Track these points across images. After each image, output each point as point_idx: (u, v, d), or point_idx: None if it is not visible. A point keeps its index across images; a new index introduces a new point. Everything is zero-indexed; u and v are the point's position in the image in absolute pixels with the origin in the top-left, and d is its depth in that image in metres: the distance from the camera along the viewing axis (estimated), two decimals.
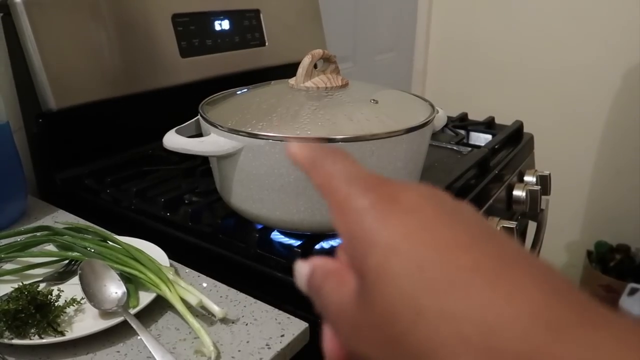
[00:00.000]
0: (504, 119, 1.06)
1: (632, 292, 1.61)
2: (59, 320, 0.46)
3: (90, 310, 0.47)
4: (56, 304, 0.46)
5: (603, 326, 0.13)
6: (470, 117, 1.10)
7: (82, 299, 0.48)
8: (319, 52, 0.59)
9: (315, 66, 0.61)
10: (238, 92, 0.66)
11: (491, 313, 0.13)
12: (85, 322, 0.46)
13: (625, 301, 1.61)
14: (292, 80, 0.61)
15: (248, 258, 0.55)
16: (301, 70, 0.60)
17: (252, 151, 0.51)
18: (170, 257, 0.55)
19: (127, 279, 0.51)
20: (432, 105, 0.61)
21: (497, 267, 0.14)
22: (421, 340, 0.14)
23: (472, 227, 0.16)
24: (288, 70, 0.67)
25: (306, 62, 0.59)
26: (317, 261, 0.20)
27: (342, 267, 0.19)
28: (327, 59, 0.61)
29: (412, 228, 0.16)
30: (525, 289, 0.13)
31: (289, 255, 0.54)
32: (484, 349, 0.13)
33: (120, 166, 0.76)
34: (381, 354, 0.15)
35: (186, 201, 0.66)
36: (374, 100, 0.58)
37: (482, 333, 0.13)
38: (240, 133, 0.51)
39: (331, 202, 0.18)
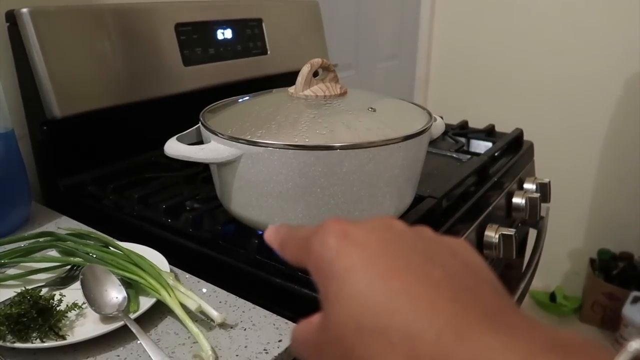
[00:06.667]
0: (505, 126, 1.07)
1: (635, 300, 1.60)
2: (61, 324, 0.46)
3: (91, 314, 0.48)
4: (58, 308, 0.47)
5: (504, 332, 0.16)
6: (471, 124, 1.11)
7: (84, 303, 0.49)
8: (317, 61, 0.60)
9: (316, 74, 0.62)
10: (239, 100, 0.67)
11: (413, 326, 0.16)
12: (86, 327, 0.47)
13: (629, 309, 1.60)
14: (291, 89, 0.62)
15: (247, 264, 0.56)
16: (300, 79, 0.61)
17: (251, 158, 0.52)
18: (171, 262, 0.56)
19: (127, 284, 0.52)
20: (429, 113, 0.62)
21: (421, 288, 0.17)
22: (362, 354, 0.17)
23: (410, 254, 0.19)
24: (290, 78, 0.67)
25: (305, 71, 0.60)
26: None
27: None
28: (326, 68, 0.62)
29: (358, 260, 0.19)
30: (441, 305, 0.17)
31: (287, 262, 0.55)
32: (408, 354, 0.16)
33: (122, 173, 0.77)
34: None
35: (187, 207, 0.67)
36: (371, 108, 0.59)
37: (406, 341, 0.16)
38: (240, 140, 0.52)
39: (301, 254, 0.22)
